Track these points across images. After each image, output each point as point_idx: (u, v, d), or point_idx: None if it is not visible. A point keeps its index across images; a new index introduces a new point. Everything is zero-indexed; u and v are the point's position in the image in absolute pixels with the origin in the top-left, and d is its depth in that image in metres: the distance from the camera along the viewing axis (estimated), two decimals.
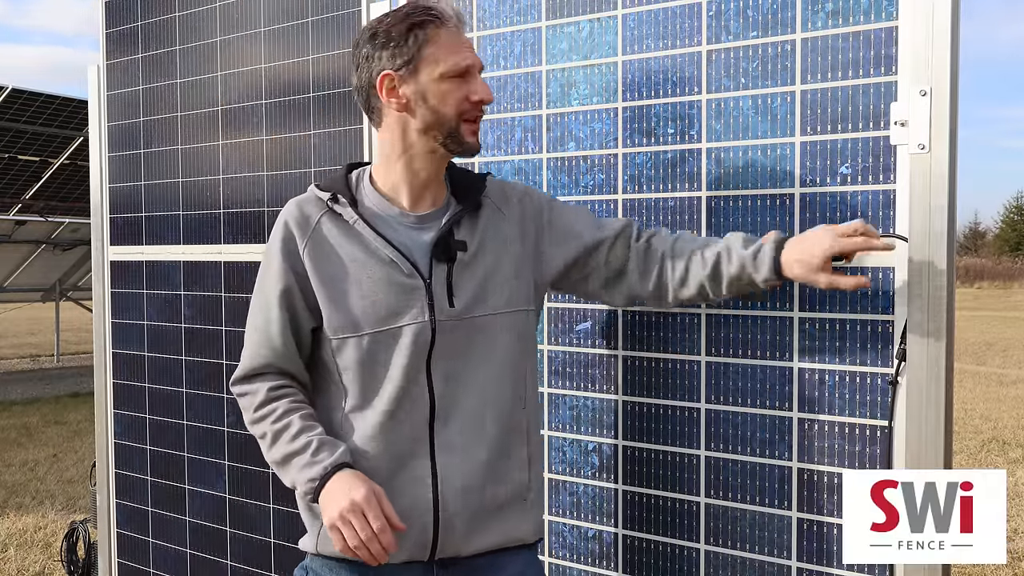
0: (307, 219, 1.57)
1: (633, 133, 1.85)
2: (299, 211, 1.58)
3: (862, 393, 1.64)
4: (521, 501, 1.61)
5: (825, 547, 1.68)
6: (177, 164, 2.67)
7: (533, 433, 1.64)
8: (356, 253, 1.54)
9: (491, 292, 1.57)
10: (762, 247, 1.55)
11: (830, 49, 1.64)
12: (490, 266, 1.58)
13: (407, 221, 1.57)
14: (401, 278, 1.53)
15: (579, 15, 1.91)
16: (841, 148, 1.64)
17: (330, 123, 2.32)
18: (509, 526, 1.59)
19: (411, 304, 1.52)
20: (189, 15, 2.61)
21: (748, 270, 1.55)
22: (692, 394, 1.81)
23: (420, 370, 1.53)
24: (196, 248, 2.63)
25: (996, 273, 39.80)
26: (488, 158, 2.04)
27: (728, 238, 1.61)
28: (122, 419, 2.86)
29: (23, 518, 5.29)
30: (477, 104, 1.53)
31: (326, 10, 2.32)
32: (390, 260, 1.53)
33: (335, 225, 1.56)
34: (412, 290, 1.53)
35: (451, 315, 1.53)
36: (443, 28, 1.50)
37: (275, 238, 1.59)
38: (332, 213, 1.57)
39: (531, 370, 1.65)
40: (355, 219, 1.55)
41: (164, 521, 2.74)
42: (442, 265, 1.54)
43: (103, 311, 2.89)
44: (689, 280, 1.61)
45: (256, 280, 1.62)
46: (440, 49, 1.50)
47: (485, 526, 1.57)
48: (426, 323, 1.52)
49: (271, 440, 1.54)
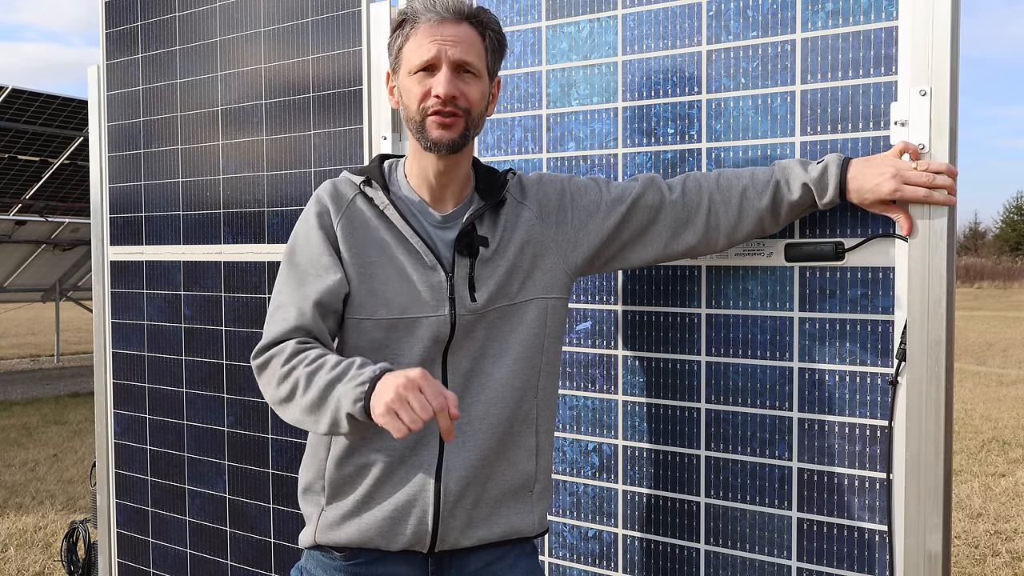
0: (342, 196, 1.57)
1: (633, 133, 1.85)
2: (334, 188, 1.58)
3: (862, 393, 1.64)
4: (527, 492, 1.60)
5: (825, 547, 1.68)
6: (177, 164, 2.67)
7: (543, 423, 1.62)
8: (384, 237, 1.55)
9: (512, 283, 1.57)
10: (826, 170, 1.56)
11: (830, 49, 1.64)
12: (513, 259, 1.57)
13: (432, 220, 1.58)
14: (424, 270, 1.53)
15: (579, 15, 1.91)
16: (841, 148, 1.64)
17: (330, 123, 2.32)
18: (512, 518, 1.59)
19: (432, 297, 1.52)
20: (189, 15, 2.61)
21: (812, 195, 1.57)
22: (692, 394, 1.81)
23: (436, 362, 1.53)
24: (196, 248, 2.63)
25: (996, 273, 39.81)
26: (488, 158, 2.04)
27: (782, 166, 1.61)
28: (122, 419, 2.86)
29: (23, 518, 5.29)
30: (438, 98, 1.49)
31: (326, 10, 2.32)
32: (415, 250, 1.54)
33: (367, 207, 1.57)
34: (434, 283, 1.53)
35: (472, 310, 1.53)
36: (417, 25, 1.51)
37: (310, 212, 1.57)
38: (364, 196, 1.57)
39: (549, 361, 1.63)
40: (386, 204, 1.55)
41: (164, 521, 2.74)
42: (464, 260, 1.54)
43: (103, 311, 2.90)
44: (744, 218, 1.60)
45: (285, 255, 1.58)
46: (411, 46, 1.52)
47: (487, 517, 1.57)
48: (446, 317, 1.52)
49: (305, 383, 1.41)
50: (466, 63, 1.50)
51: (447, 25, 1.50)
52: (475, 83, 1.52)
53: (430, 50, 1.49)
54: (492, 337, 1.56)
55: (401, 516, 1.53)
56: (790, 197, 1.58)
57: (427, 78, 1.50)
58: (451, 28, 1.50)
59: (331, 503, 1.57)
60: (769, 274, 1.72)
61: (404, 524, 1.53)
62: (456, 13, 1.51)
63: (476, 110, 1.53)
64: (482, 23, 1.53)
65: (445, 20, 1.50)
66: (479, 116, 1.55)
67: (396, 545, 1.53)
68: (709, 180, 1.63)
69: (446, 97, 1.48)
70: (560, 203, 1.63)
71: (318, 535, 1.58)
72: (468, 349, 1.54)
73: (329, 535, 1.56)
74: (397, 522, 1.53)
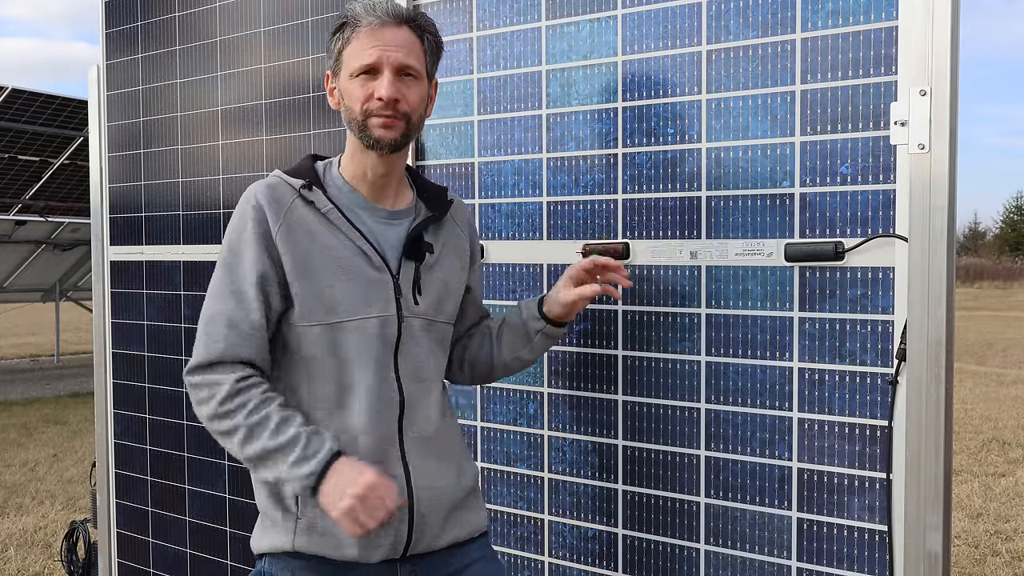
0: (279, 202, 1.54)
1: (633, 133, 1.85)
2: (271, 193, 1.55)
3: (862, 393, 1.64)
4: (476, 491, 1.68)
5: (825, 547, 1.68)
6: (177, 164, 2.67)
7: None
8: (328, 240, 1.54)
9: (446, 300, 1.65)
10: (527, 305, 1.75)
11: (830, 49, 1.64)
12: (447, 275, 1.65)
13: (378, 215, 1.60)
14: (370, 270, 1.55)
15: (579, 15, 1.91)
16: (841, 148, 1.64)
17: (330, 123, 2.32)
18: (472, 516, 1.65)
19: (379, 297, 1.55)
20: (189, 15, 2.61)
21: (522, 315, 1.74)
22: (692, 394, 1.81)
23: (388, 366, 1.55)
24: (196, 248, 2.63)
25: (996, 273, 39.80)
26: (488, 158, 2.04)
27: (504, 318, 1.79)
28: (122, 419, 2.86)
29: (23, 518, 5.29)
30: (381, 101, 1.52)
31: (326, 10, 2.32)
32: (360, 251, 1.55)
33: (308, 211, 1.55)
34: (380, 283, 1.55)
35: (416, 312, 1.58)
36: (358, 29, 1.53)
37: (245, 220, 1.54)
38: (303, 200, 1.56)
39: None
40: (329, 207, 1.55)
41: (164, 521, 2.74)
42: (410, 263, 1.59)
43: (103, 311, 2.89)
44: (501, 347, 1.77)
45: (217, 265, 1.56)
46: (351, 50, 1.54)
47: (455, 520, 1.61)
48: (393, 316, 1.55)
49: (245, 435, 1.46)
50: (407, 67, 1.54)
51: (388, 29, 1.53)
52: (415, 85, 1.56)
53: (372, 54, 1.52)
54: (432, 349, 1.63)
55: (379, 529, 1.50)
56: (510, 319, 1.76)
57: (369, 81, 1.53)
58: (392, 32, 1.53)
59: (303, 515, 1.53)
60: (769, 274, 1.72)
61: (383, 537, 1.52)
62: (396, 17, 1.54)
63: (416, 113, 1.58)
64: (421, 27, 1.57)
65: (386, 24, 1.53)
66: (419, 119, 1.60)
67: (374, 558, 1.53)
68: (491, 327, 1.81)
69: (389, 100, 1.52)
70: (474, 256, 1.76)
71: (297, 543, 1.53)
72: (415, 354, 1.59)
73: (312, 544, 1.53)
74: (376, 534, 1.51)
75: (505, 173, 2.01)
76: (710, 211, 1.77)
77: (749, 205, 1.73)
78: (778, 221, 1.70)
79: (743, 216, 1.73)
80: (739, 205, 1.74)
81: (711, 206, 1.77)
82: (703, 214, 1.78)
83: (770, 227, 1.71)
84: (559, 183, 1.94)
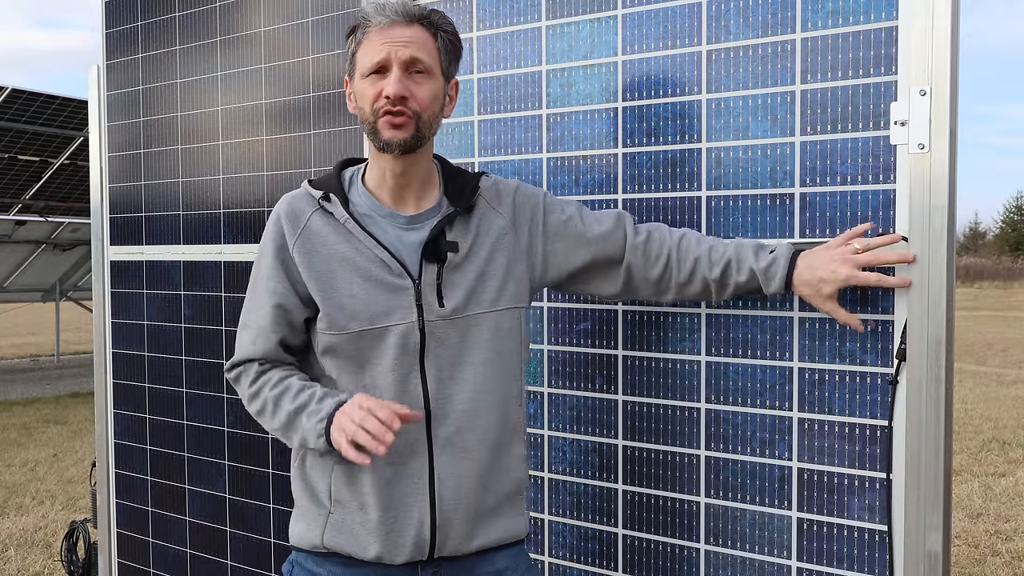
0: (297, 216, 1.57)
1: (633, 133, 1.85)
2: (290, 207, 1.59)
3: (862, 393, 1.64)
4: (518, 497, 1.63)
5: (825, 547, 1.68)
6: (177, 164, 2.67)
7: (525, 430, 1.67)
8: (346, 251, 1.54)
9: (486, 290, 1.57)
10: (775, 261, 1.58)
11: (830, 49, 1.64)
12: (484, 265, 1.58)
13: (397, 222, 1.57)
14: (390, 278, 1.53)
15: (579, 15, 1.91)
16: (841, 148, 1.64)
17: (330, 123, 2.32)
18: (507, 523, 1.61)
19: (399, 305, 1.53)
20: (189, 15, 2.61)
21: (758, 282, 1.60)
22: (692, 394, 1.81)
23: (414, 371, 1.53)
24: (196, 248, 2.63)
25: (996, 273, 39.79)
26: (488, 158, 2.04)
27: (738, 245, 1.63)
28: (122, 419, 2.86)
29: (23, 518, 5.29)
30: (388, 99, 1.50)
31: (326, 10, 2.32)
32: (379, 260, 1.53)
33: (326, 223, 1.56)
34: (400, 290, 1.53)
35: (441, 315, 1.54)
36: (368, 30, 1.52)
37: (267, 234, 1.61)
38: (323, 211, 1.57)
39: (523, 368, 1.67)
40: (345, 218, 1.55)
41: (164, 521, 2.74)
42: (432, 266, 1.55)
43: (103, 311, 2.90)
44: (694, 281, 1.65)
45: (253, 269, 1.64)
46: (363, 51, 1.53)
47: (485, 525, 1.57)
48: (414, 324, 1.52)
49: (272, 407, 1.55)
50: (416, 60, 1.51)
51: (397, 27, 1.51)
52: (427, 83, 1.52)
53: (380, 51, 1.50)
54: (470, 345, 1.56)
55: (402, 529, 1.53)
56: (737, 278, 1.62)
57: (379, 80, 1.51)
58: (401, 30, 1.51)
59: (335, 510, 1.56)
60: None
61: (405, 538, 1.52)
62: (406, 15, 1.52)
63: (427, 112, 1.52)
64: (433, 24, 1.54)
65: (395, 23, 1.51)
66: (431, 118, 1.54)
67: (399, 558, 1.53)
68: (672, 238, 1.67)
69: (395, 96, 1.49)
70: (534, 216, 1.65)
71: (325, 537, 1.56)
72: (445, 356, 1.54)
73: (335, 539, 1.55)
74: (398, 534, 1.53)
75: (505, 173, 2.01)
76: (710, 211, 1.77)
77: (749, 205, 1.73)
78: (778, 221, 1.70)
79: (743, 216, 1.73)
80: (739, 205, 1.74)
81: (711, 206, 1.77)
82: (703, 214, 1.78)
83: (770, 227, 1.71)
84: (559, 183, 1.94)
